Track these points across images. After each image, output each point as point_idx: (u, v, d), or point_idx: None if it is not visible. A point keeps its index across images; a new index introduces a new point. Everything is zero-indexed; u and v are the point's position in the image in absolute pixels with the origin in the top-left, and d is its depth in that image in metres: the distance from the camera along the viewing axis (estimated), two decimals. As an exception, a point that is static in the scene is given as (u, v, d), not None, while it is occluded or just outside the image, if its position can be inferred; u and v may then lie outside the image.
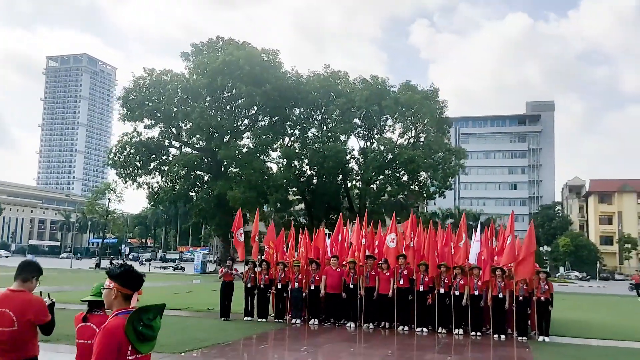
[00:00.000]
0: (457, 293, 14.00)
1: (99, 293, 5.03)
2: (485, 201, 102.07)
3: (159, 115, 53.03)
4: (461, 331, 13.97)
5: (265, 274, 15.26)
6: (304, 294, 15.02)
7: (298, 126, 53.54)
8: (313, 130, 53.27)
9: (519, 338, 13.46)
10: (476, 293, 13.85)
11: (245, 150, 52.13)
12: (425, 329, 14.16)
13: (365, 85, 50.14)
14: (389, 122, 53.62)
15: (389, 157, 49.29)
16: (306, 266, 15.15)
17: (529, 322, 14.04)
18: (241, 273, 16.15)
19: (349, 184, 54.38)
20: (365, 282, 14.61)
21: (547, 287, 13.62)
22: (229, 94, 53.78)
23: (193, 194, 54.86)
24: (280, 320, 15.05)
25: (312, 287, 14.90)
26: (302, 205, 59.57)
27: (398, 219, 26.37)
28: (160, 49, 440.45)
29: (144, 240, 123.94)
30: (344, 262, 15.29)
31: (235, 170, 53.02)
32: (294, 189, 52.58)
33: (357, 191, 54.96)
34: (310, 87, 51.28)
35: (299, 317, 15.02)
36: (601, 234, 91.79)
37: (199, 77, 50.99)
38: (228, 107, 54.32)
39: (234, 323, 14.59)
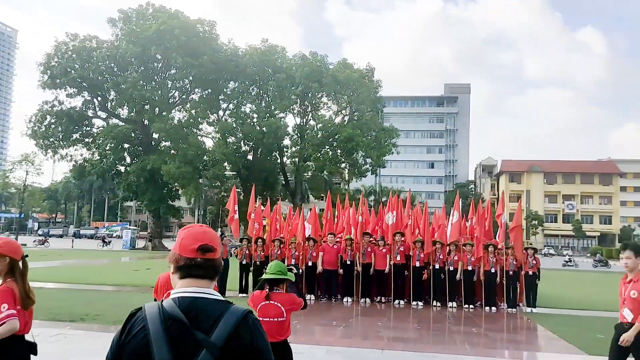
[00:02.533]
0: (451, 268, 14.66)
1: (278, 272, 5.02)
2: (404, 179, 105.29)
3: (84, 84, 50.30)
4: (454, 304, 14.67)
5: (261, 251, 15.19)
6: (300, 271, 15.12)
7: (234, 100, 52.56)
8: (249, 105, 52.49)
9: (509, 310, 14.36)
10: (469, 268, 14.56)
11: (176, 123, 50.65)
12: (420, 303, 14.74)
13: (305, 62, 49.98)
14: (324, 99, 53.85)
15: (326, 135, 49.69)
16: (303, 243, 15.22)
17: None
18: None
19: (287, 161, 54.31)
20: (362, 258, 14.93)
21: (534, 262, 14.56)
22: (160, 64, 51.87)
23: (122, 167, 52.64)
24: (275, 297, 15.06)
25: (310, 264, 15.03)
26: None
27: (322, 195, 26.94)
28: (66, 12, 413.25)
29: (53, 215, 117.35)
30: (337, 240, 15.56)
31: (167, 144, 51.47)
32: (230, 165, 51.82)
33: (284, 168, 55.02)
34: (247, 61, 50.39)
35: (295, 293, 15.08)
36: (511, 211, 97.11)
37: (130, 46, 48.62)
38: (157, 78, 52.34)
39: (233, 300, 14.40)
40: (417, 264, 14.69)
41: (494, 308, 14.40)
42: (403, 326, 11.49)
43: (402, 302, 14.83)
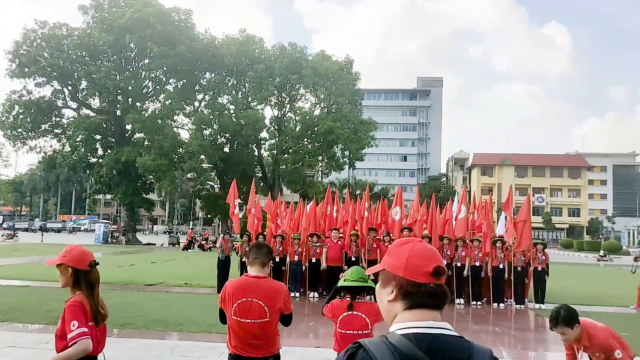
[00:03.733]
0: (458, 264, 14.36)
1: (360, 278, 4.48)
2: (377, 172, 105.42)
3: (54, 73, 48.60)
4: (462, 301, 14.38)
5: (262, 247, 14.61)
6: (303, 267, 14.63)
7: (210, 91, 51.45)
8: (226, 96, 51.45)
9: (517, 306, 14.13)
10: (477, 264, 14.28)
11: (151, 114, 49.37)
12: (426, 300, 14.39)
13: (284, 53, 49.20)
14: (302, 91, 53.17)
15: (305, 127, 49.10)
16: (306, 239, 14.71)
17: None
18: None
19: (264, 153, 53.57)
20: (367, 254, 14.51)
21: (543, 257, 14.35)
22: (134, 53, 50.46)
23: (94, 159, 51.10)
24: (278, 295, 14.53)
25: (313, 260, 14.53)
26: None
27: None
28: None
29: (18, 208, 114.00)
30: (341, 235, 15.10)
31: (141, 135, 50.19)
32: (206, 157, 50.83)
33: (262, 160, 54.27)
34: (225, 51, 49.37)
35: (298, 290, 14.63)
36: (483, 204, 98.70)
37: (103, 34, 47.12)
38: (130, 68, 50.88)
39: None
40: (424, 260, 14.33)
41: (502, 304, 14.16)
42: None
43: (408, 299, 14.48)
